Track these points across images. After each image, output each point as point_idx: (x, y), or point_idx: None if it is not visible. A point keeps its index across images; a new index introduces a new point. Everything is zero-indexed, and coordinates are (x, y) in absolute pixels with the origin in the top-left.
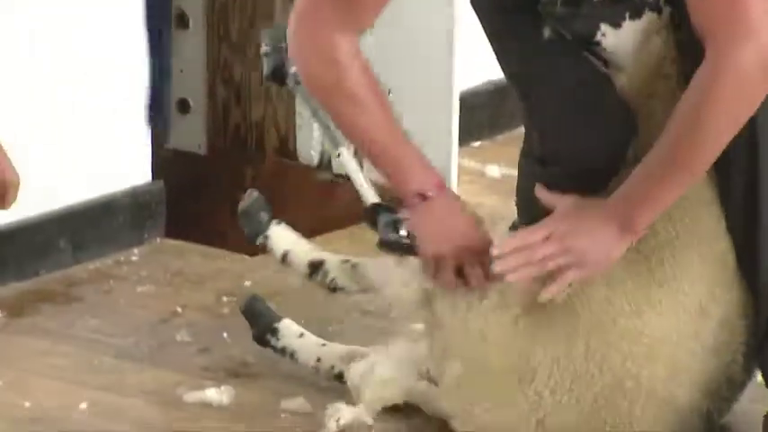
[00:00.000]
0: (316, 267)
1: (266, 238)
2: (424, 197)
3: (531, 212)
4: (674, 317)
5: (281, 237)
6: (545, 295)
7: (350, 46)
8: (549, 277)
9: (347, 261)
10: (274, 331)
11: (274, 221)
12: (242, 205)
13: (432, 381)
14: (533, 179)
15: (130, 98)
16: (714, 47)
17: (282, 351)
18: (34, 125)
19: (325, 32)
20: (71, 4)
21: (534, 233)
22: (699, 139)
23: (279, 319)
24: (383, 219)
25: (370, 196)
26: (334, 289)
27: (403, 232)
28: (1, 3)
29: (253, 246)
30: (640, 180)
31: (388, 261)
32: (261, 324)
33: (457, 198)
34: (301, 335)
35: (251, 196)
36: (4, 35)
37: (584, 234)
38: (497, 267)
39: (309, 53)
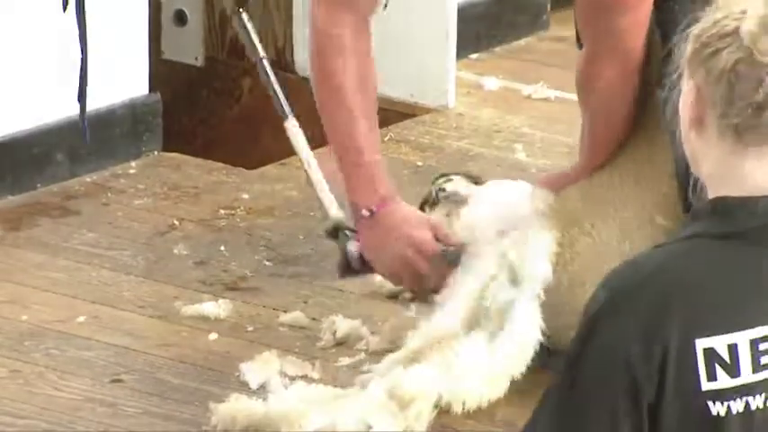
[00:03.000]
0: None
1: None
2: (370, 212)
3: None
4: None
5: None
6: None
7: (355, 33)
8: None
9: None
10: None
11: None
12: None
13: None
14: None
15: (128, 9)
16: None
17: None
18: (33, 35)
19: (334, 12)
20: None
21: None
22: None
23: None
24: (343, 242)
25: (333, 208)
26: None
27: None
28: None
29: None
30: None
31: None
32: None
33: (409, 209)
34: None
35: None
36: None
37: None
38: None
39: (315, 31)
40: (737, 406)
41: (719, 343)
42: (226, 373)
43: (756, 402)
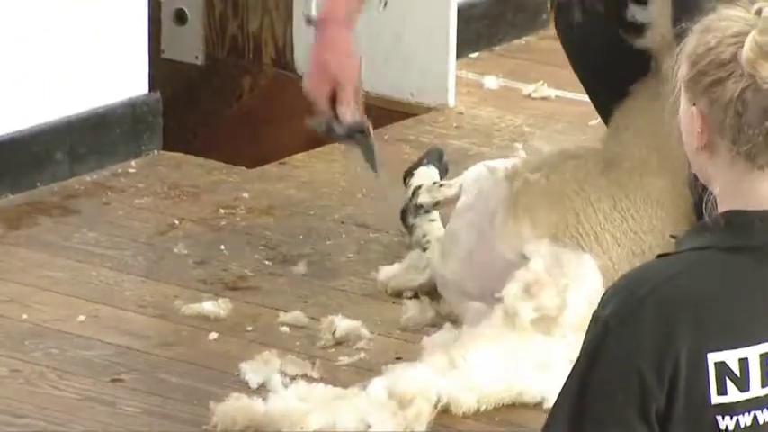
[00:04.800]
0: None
1: None
2: (318, 24)
3: None
4: None
5: None
6: None
7: None
8: None
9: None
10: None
11: None
12: None
13: None
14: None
15: (128, 8)
16: None
17: (411, 228)
18: (32, 35)
19: None
20: None
21: None
22: None
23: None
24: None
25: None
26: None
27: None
28: None
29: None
30: None
31: None
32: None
33: (347, 33)
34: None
35: None
36: None
37: None
38: None
39: None
40: (745, 420)
41: (731, 357)
42: (226, 373)
43: (764, 416)
